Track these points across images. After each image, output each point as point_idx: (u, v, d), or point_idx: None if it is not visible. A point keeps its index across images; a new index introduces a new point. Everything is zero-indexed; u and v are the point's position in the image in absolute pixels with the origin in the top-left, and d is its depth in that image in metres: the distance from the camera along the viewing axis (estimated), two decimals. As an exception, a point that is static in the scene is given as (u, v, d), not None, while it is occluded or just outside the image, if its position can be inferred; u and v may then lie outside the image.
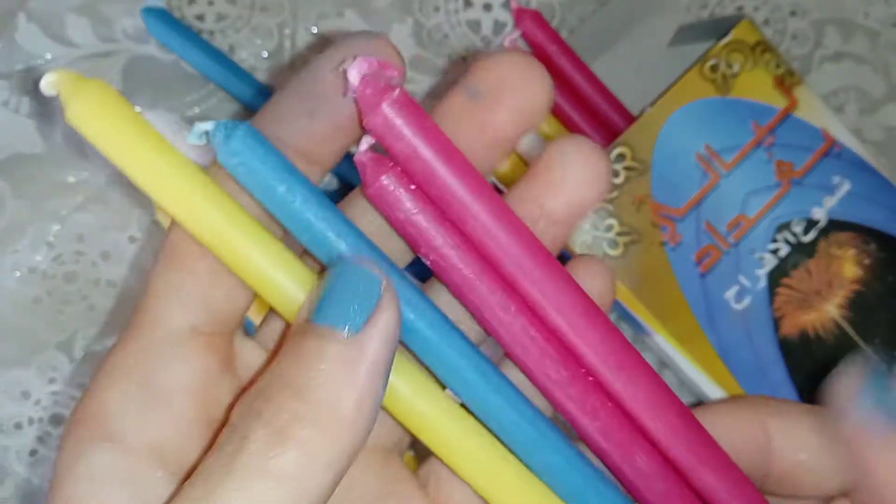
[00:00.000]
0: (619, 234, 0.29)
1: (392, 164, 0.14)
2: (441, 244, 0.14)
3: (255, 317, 0.18)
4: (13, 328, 0.30)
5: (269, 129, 0.15)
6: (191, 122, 0.31)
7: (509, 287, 0.15)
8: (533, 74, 0.16)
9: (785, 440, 0.18)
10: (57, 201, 0.30)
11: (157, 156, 0.14)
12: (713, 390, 0.29)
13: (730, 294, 0.29)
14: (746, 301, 0.29)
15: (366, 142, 0.15)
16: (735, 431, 0.18)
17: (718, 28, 0.30)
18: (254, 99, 0.30)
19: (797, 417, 0.18)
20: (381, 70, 0.14)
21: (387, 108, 0.14)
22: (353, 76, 0.14)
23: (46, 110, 0.30)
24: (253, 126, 0.14)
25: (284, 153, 0.14)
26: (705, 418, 0.17)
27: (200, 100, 0.31)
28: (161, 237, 0.31)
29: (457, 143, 0.15)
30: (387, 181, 0.14)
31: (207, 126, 0.14)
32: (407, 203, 0.14)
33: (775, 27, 0.34)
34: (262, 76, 0.31)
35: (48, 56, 0.30)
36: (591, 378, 0.15)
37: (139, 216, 0.31)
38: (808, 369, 0.29)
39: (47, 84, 0.13)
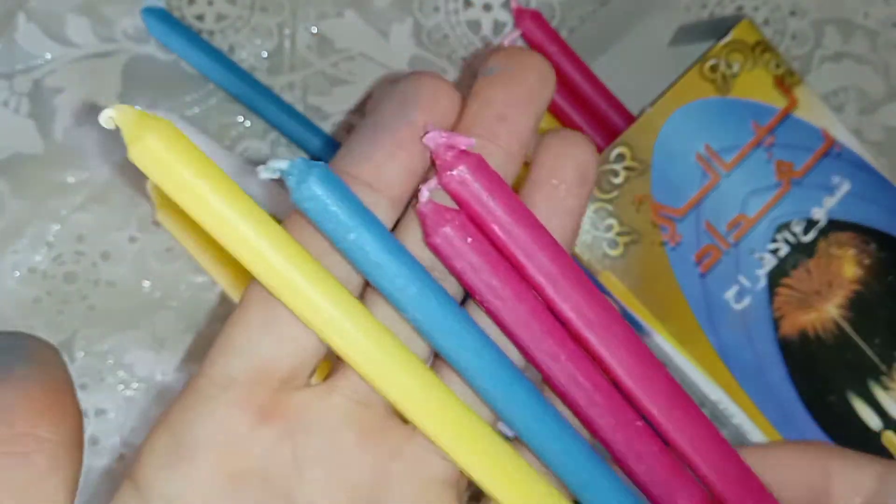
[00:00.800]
0: (618, 233, 0.29)
1: (451, 216, 0.15)
2: (492, 297, 0.15)
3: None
4: (13, 328, 0.30)
5: (347, 168, 0.16)
6: (191, 122, 0.31)
7: (559, 333, 0.16)
8: (533, 60, 0.17)
9: (845, 482, 0.18)
10: (57, 201, 0.30)
11: (226, 202, 0.13)
12: (713, 390, 0.29)
13: (729, 294, 0.29)
14: (746, 301, 0.29)
15: (426, 192, 0.15)
16: (795, 469, 0.18)
17: (718, 28, 0.30)
18: (253, 99, 0.30)
19: (860, 463, 0.18)
20: (454, 143, 0.15)
21: (462, 172, 0.15)
22: (432, 142, 0.15)
23: (46, 110, 0.30)
24: (328, 168, 0.14)
25: (358, 190, 0.15)
26: (767, 454, 0.17)
27: (200, 100, 0.31)
28: (161, 237, 0.31)
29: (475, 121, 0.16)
30: (447, 233, 0.15)
31: (282, 164, 0.14)
32: (464, 256, 0.15)
33: (775, 27, 0.34)
34: (261, 76, 0.31)
35: (48, 56, 0.30)
36: (639, 423, 0.16)
37: (139, 216, 0.31)
38: (808, 369, 0.29)
39: (107, 118, 0.13)
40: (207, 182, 0.13)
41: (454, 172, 0.15)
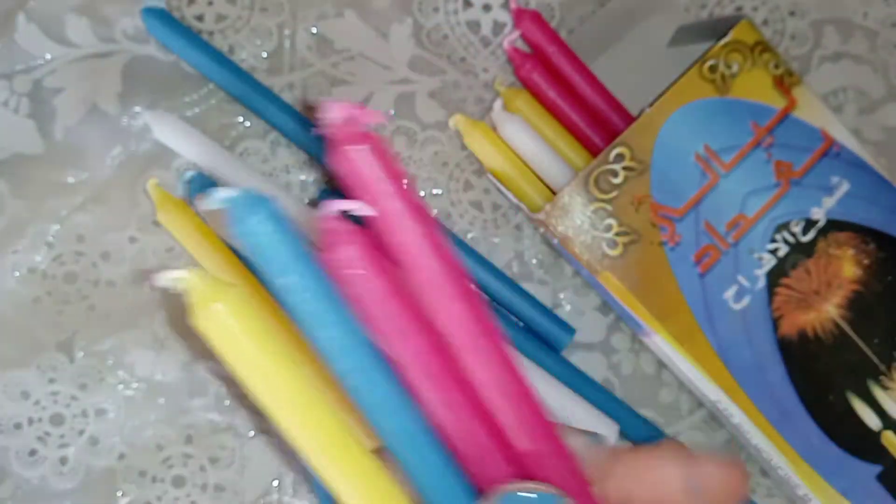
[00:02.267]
0: (618, 233, 0.29)
1: (353, 238, 0.15)
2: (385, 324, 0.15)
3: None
4: (13, 328, 0.30)
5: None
6: (191, 122, 0.31)
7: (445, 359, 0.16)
8: (740, 490, 0.18)
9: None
10: (57, 201, 0.30)
11: (282, 378, 0.14)
12: (712, 390, 0.29)
13: (729, 294, 0.29)
14: (745, 301, 0.29)
15: (334, 207, 0.15)
16: None
17: (717, 28, 0.30)
18: (253, 99, 0.30)
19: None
20: (359, 117, 0.15)
21: (355, 152, 0.15)
22: (334, 116, 0.15)
23: (46, 111, 0.31)
24: (276, 204, 0.14)
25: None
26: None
27: (200, 100, 0.31)
28: (161, 237, 0.31)
29: None
30: (346, 254, 0.15)
31: (229, 195, 0.14)
32: (357, 283, 0.15)
33: (774, 27, 0.34)
34: (261, 76, 0.31)
35: (48, 56, 0.30)
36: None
37: (139, 216, 0.31)
38: (807, 369, 0.29)
39: (176, 282, 0.13)
40: (272, 358, 0.14)
41: (357, 148, 0.15)
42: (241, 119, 0.31)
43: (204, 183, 0.30)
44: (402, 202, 0.15)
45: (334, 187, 0.32)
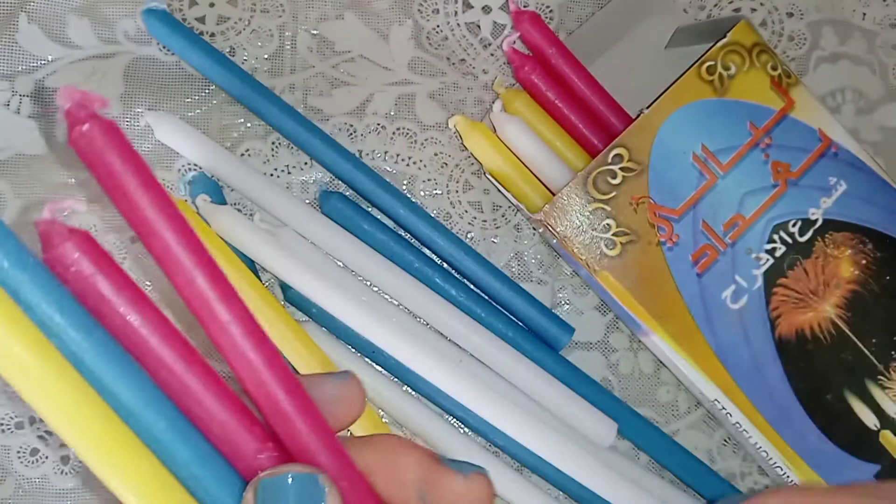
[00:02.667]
0: (616, 234, 0.29)
1: (67, 237, 0.15)
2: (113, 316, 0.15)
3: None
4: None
5: None
6: (192, 123, 0.31)
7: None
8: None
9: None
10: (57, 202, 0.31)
11: (47, 378, 0.14)
12: (710, 390, 0.29)
13: (726, 294, 0.29)
14: (743, 301, 0.29)
15: (49, 211, 0.15)
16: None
17: (716, 30, 0.30)
18: (254, 101, 0.30)
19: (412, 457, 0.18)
20: (90, 101, 0.15)
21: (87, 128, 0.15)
22: (62, 98, 0.15)
23: (47, 111, 0.31)
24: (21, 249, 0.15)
25: None
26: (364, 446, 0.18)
27: (202, 101, 0.31)
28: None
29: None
30: (65, 251, 0.15)
31: None
32: (81, 279, 0.15)
33: (772, 28, 0.34)
34: (262, 78, 0.31)
35: (49, 57, 0.31)
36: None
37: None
38: (805, 369, 0.29)
39: None
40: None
41: (83, 128, 0.15)
42: (242, 120, 0.31)
43: (206, 184, 0.30)
44: (133, 177, 0.15)
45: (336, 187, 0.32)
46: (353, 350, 0.30)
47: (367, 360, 0.31)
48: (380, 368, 0.31)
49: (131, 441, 0.15)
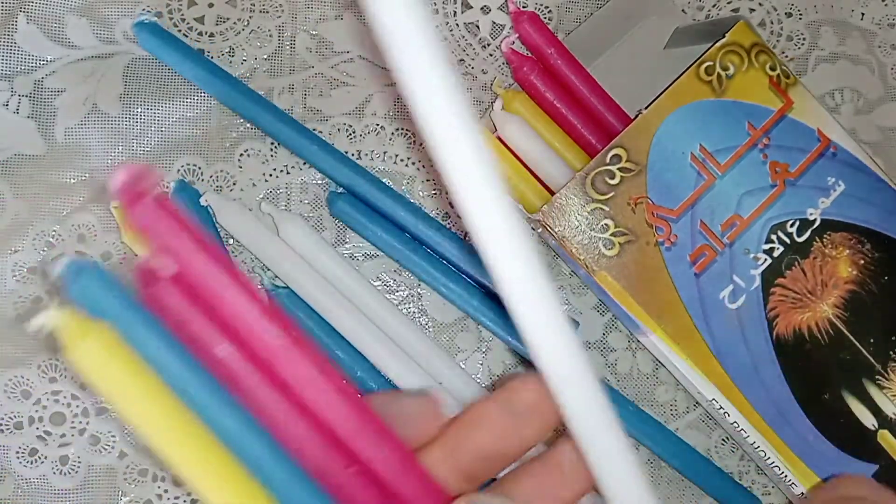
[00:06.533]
0: (614, 234, 0.29)
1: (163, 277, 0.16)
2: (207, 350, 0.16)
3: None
4: (14, 328, 0.30)
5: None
6: (192, 123, 0.31)
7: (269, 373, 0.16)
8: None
9: None
10: (57, 202, 0.31)
11: (155, 406, 0.15)
12: (708, 390, 0.29)
13: (724, 294, 0.29)
14: (741, 301, 0.29)
15: (142, 259, 0.16)
16: None
17: (714, 30, 0.30)
18: (248, 109, 0.30)
19: None
20: (140, 179, 0.16)
21: (141, 210, 0.16)
22: (115, 184, 0.16)
23: (47, 111, 0.31)
24: (98, 270, 0.15)
25: None
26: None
27: (201, 101, 0.31)
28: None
29: (495, 451, 0.18)
30: (157, 291, 0.16)
31: (62, 264, 0.15)
32: (177, 312, 0.16)
33: (771, 28, 0.34)
34: (261, 78, 0.31)
35: (49, 57, 0.31)
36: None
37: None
38: (803, 369, 0.29)
39: (46, 322, 0.15)
40: (141, 385, 0.15)
41: (136, 209, 0.15)
42: (241, 120, 0.32)
43: (187, 192, 0.30)
44: (195, 249, 0.16)
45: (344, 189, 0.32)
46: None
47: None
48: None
49: (232, 464, 0.16)
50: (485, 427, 0.18)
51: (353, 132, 0.32)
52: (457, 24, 0.32)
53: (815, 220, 0.30)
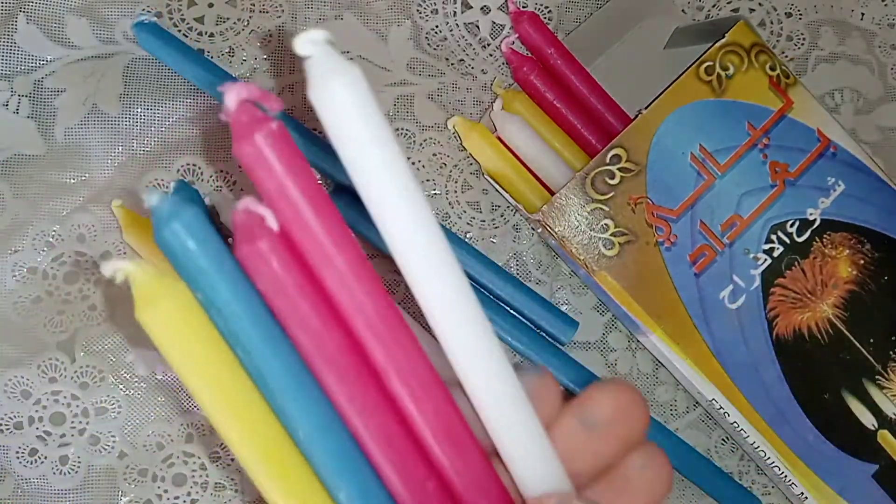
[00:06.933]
0: (614, 234, 0.29)
1: (268, 230, 0.14)
2: (300, 330, 0.14)
3: None
4: (13, 328, 0.30)
5: None
6: (192, 123, 0.31)
7: (366, 381, 0.15)
8: (639, 409, 0.17)
9: None
10: (57, 202, 0.31)
11: (224, 381, 0.14)
12: (708, 389, 0.29)
13: (724, 294, 0.29)
14: (741, 301, 0.29)
15: (244, 203, 0.14)
16: None
17: (715, 30, 0.30)
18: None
19: None
20: (261, 100, 0.14)
21: (259, 139, 0.13)
22: (231, 100, 0.14)
23: (47, 111, 0.31)
24: (197, 214, 0.14)
25: None
26: None
27: (201, 102, 0.31)
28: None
29: (572, 467, 0.16)
30: (261, 247, 0.14)
31: (155, 198, 0.13)
32: (273, 278, 0.14)
33: (771, 28, 0.34)
34: (261, 78, 0.31)
35: (48, 57, 0.31)
36: (428, 484, 0.15)
37: (139, 217, 0.31)
38: (803, 369, 0.29)
39: (120, 272, 0.13)
40: (209, 352, 0.14)
41: (248, 143, 0.13)
42: (240, 120, 0.31)
43: (188, 192, 0.30)
44: (303, 197, 0.14)
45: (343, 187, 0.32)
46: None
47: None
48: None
49: (299, 466, 0.14)
50: (556, 441, 0.17)
51: (353, 132, 0.32)
52: (457, 24, 0.33)
53: (814, 220, 0.30)
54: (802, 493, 0.30)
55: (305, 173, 0.14)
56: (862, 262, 0.30)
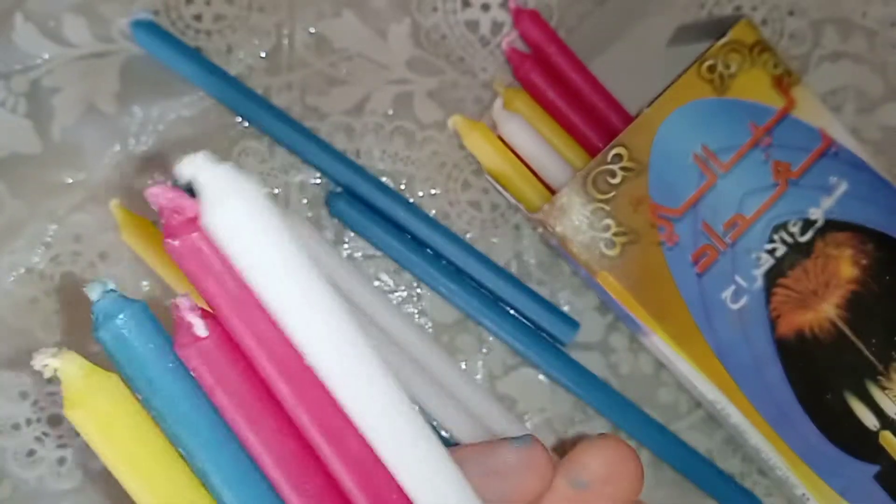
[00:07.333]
0: (616, 234, 0.29)
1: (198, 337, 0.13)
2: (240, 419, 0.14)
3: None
4: (10, 329, 0.30)
5: None
6: (189, 122, 0.31)
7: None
8: (630, 467, 0.16)
9: None
10: (54, 201, 0.30)
11: (159, 474, 0.13)
12: (710, 390, 0.29)
13: (726, 294, 0.29)
14: (743, 301, 0.29)
15: (178, 302, 0.13)
16: None
17: (717, 28, 0.30)
18: (246, 107, 0.30)
19: None
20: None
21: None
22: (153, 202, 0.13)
23: (44, 110, 0.30)
24: (134, 312, 0.13)
25: None
26: None
27: (199, 100, 0.31)
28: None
29: None
30: (189, 352, 0.13)
31: (97, 292, 0.13)
32: (208, 380, 0.13)
33: (773, 27, 0.34)
34: (259, 76, 0.31)
35: (46, 56, 0.30)
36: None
37: (137, 216, 0.31)
38: (805, 369, 0.29)
39: (47, 369, 0.12)
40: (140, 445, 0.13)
41: (175, 242, 0.13)
42: (239, 119, 0.31)
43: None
44: (230, 299, 0.13)
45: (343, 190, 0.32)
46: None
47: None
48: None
49: None
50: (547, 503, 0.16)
51: (353, 130, 0.32)
52: (456, 23, 0.32)
53: (817, 219, 0.30)
54: (804, 495, 0.30)
55: (222, 271, 0.13)
56: (864, 262, 0.30)
